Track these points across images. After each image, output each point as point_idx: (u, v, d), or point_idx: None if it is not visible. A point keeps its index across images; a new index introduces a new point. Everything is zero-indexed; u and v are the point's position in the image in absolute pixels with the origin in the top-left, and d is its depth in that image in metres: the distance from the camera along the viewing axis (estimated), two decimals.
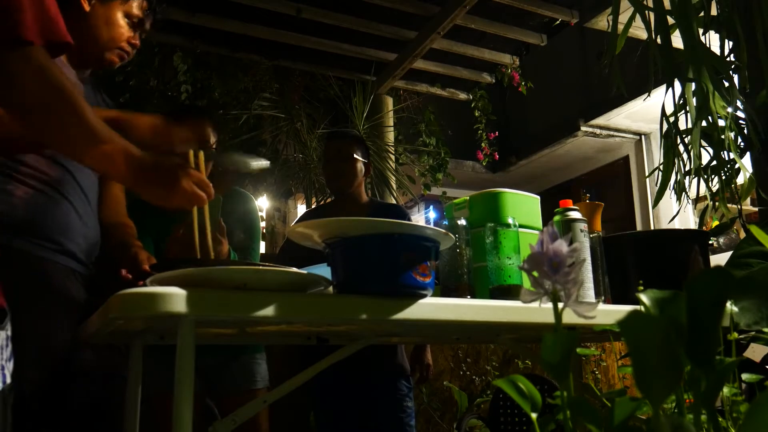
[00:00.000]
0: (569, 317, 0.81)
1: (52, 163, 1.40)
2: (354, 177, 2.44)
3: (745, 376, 1.22)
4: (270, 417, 2.19)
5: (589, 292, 1.45)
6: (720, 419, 0.93)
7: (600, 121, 5.28)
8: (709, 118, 1.97)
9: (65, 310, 1.38)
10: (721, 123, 2.06)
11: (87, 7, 1.50)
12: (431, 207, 5.95)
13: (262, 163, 1.62)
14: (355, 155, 2.44)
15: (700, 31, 2.05)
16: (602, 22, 4.21)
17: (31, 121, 1.08)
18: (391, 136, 5.04)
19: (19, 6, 0.98)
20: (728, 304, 1.28)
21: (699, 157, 2.07)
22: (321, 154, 2.86)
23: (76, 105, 1.08)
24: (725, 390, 1.04)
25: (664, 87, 2.15)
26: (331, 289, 1.23)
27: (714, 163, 2.20)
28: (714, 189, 2.23)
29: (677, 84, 2.07)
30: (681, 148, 2.16)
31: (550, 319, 0.81)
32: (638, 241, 1.87)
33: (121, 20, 1.52)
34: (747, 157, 2.31)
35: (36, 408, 1.30)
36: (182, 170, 1.20)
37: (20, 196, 1.36)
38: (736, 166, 2.17)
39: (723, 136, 2.08)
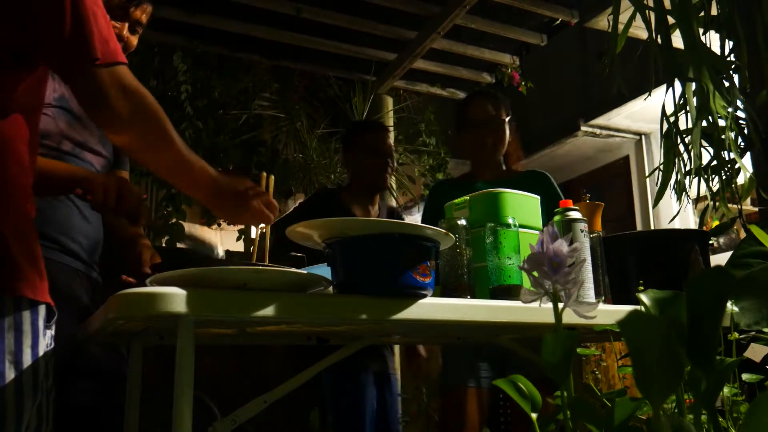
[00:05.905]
0: (569, 317, 0.81)
1: None
2: (390, 175, 2.42)
3: (745, 377, 1.22)
4: (270, 416, 2.17)
5: (589, 292, 1.45)
6: (720, 419, 0.93)
7: (600, 121, 5.26)
8: (710, 117, 1.97)
9: (67, 308, 1.38)
10: (722, 123, 2.06)
11: None
12: None
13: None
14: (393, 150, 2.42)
15: (701, 30, 2.05)
16: (602, 22, 4.20)
17: (123, 139, 1.13)
18: (391, 136, 5.03)
19: (89, 25, 1.00)
20: (728, 304, 1.28)
21: (699, 157, 2.07)
22: (347, 145, 2.62)
23: (168, 129, 1.13)
24: (725, 390, 1.04)
25: (664, 87, 2.14)
26: (331, 289, 1.23)
27: (714, 163, 2.20)
28: (714, 189, 2.22)
29: (677, 84, 2.06)
30: (681, 148, 2.16)
31: (550, 319, 0.81)
32: (638, 241, 1.86)
33: None
34: (747, 157, 2.30)
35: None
36: (253, 192, 1.31)
37: None
38: (737, 166, 2.17)
39: (723, 136, 2.07)
